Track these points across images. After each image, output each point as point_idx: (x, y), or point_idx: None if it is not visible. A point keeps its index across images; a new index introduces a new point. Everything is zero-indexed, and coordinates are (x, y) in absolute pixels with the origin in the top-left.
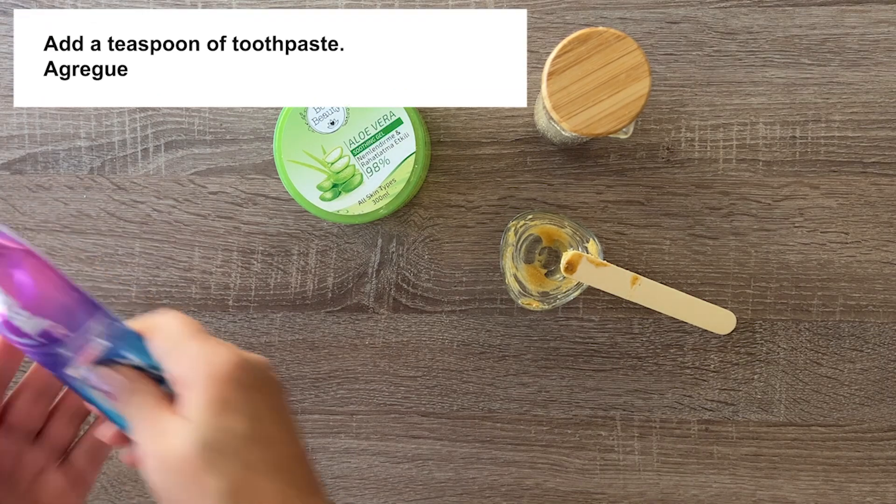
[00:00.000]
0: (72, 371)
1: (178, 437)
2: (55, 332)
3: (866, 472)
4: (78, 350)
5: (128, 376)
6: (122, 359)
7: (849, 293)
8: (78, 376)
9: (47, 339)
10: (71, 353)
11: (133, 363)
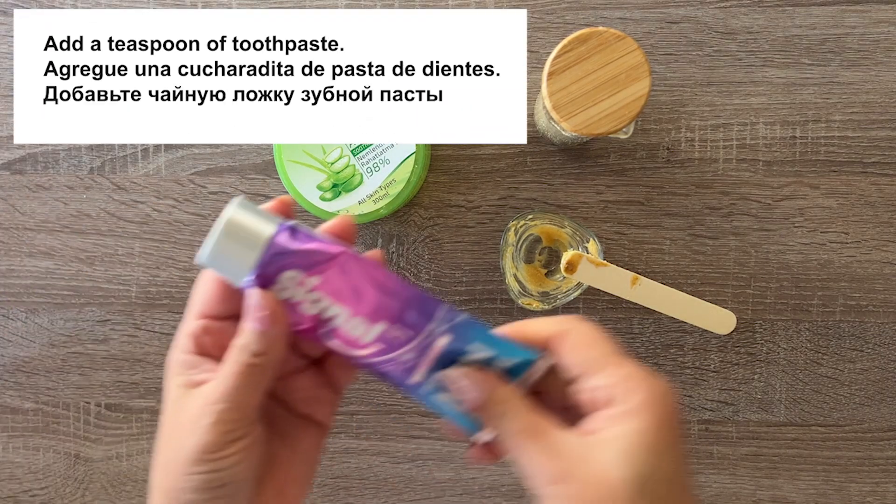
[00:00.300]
0: (417, 377)
1: (609, 467)
2: (394, 337)
3: (866, 472)
4: (421, 352)
5: (488, 381)
6: (467, 354)
7: (849, 293)
8: (424, 381)
9: (387, 345)
10: (414, 356)
11: (478, 358)
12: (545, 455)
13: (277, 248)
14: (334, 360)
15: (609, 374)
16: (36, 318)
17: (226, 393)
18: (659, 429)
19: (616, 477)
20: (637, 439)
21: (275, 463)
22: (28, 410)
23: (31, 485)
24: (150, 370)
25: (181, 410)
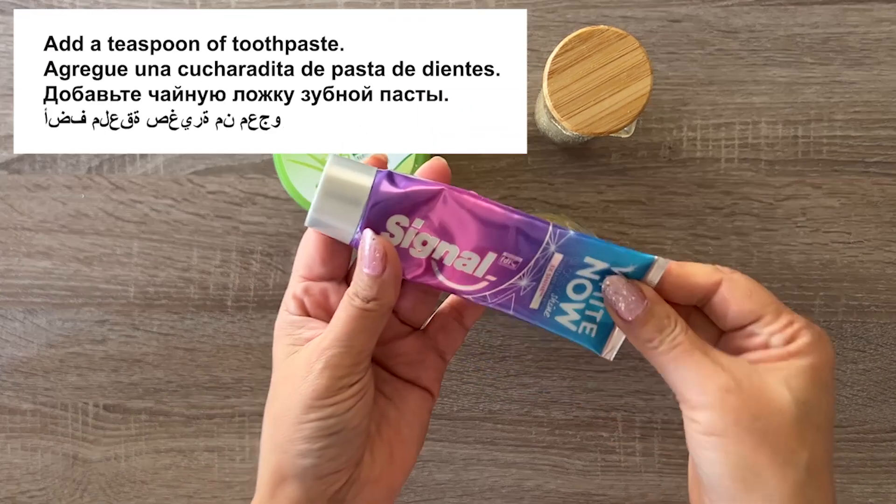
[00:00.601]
0: (536, 303)
1: (778, 389)
2: (506, 265)
3: (869, 473)
4: (536, 276)
5: (649, 293)
6: (584, 268)
7: (851, 293)
8: (544, 306)
9: (500, 275)
10: (529, 282)
11: (598, 270)
12: (716, 367)
13: (379, 196)
14: (438, 326)
15: (775, 320)
16: (34, 319)
17: (338, 338)
18: (823, 368)
19: (784, 397)
20: (806, 373)
21: (384, 422)
22: (26, 411)
23: (28, 486)
24: (149, 371)
25: (291, 365)
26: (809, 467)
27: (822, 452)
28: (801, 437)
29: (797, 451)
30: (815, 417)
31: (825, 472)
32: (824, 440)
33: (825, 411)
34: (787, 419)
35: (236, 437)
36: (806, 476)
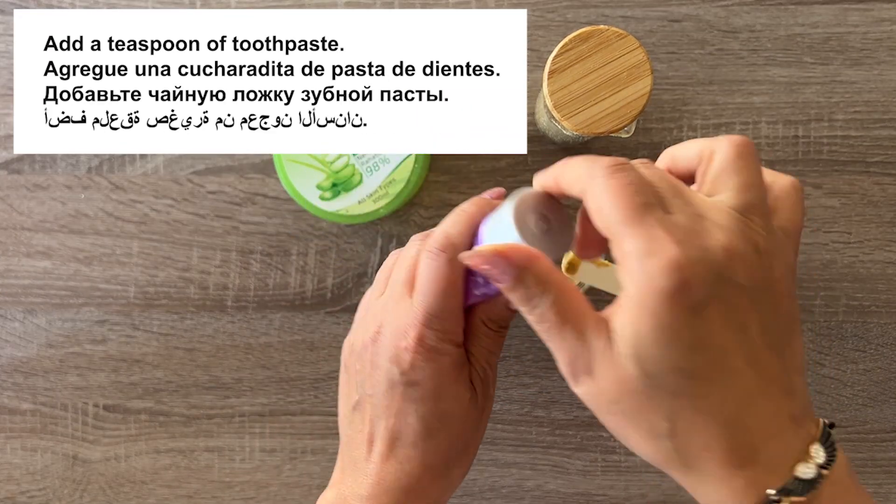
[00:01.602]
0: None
1: (625, 373)
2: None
3: (869, 474)
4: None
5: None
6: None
7: (852, 293)
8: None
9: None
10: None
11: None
12: (577, 348)
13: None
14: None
15: (616, 245)
16: (33, 319)
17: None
18: (657, 318)
19: (629, 374)
20: (635, 324)
21: None
22: (26, 411)
23: (28, 486)
24: (149, 371)
25: None
26: (674, 435)
27: (689, 415)
28: (656, 409)
29: (658, 422)
30: (665, 382)
31: (698, 433)
32: (687, 403)
33: (676, 365)
34: (638, 398)
35: (236, 438)
36: (671, 444)
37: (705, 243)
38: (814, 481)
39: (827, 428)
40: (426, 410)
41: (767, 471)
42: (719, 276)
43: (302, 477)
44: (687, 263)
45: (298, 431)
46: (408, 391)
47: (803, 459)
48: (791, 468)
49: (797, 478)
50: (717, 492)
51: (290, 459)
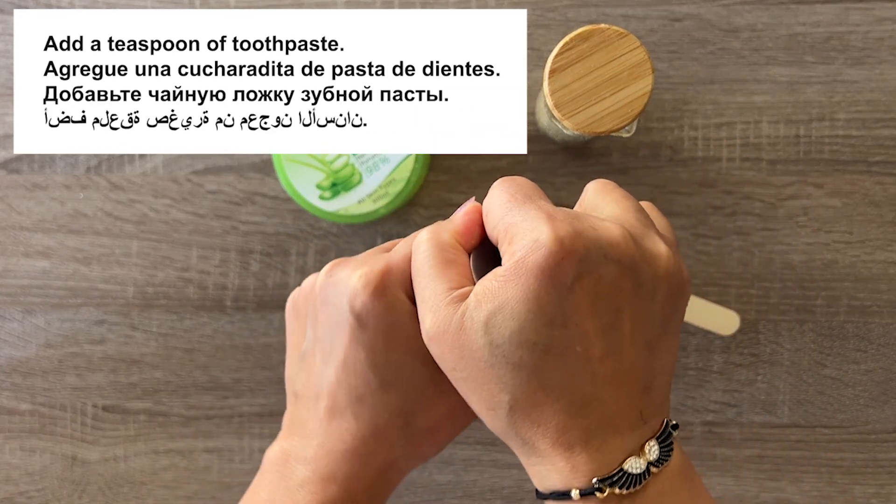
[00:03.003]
0: None
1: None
2: None
3: (871, 474)
4: None
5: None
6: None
7: (853, 293)
8: None
9: None
10: None
11: None
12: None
13: None
14: None
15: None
16: (32, 319)
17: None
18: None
19: (477, 343)
20: (501, 302)
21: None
22: (24, 412)
23: (27, 486)
24: (148, 371)
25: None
26: (513, 409)
27: (531, 390)
28: (497, 380)
29: (497, 394)
30: (511, 354)
31: (535, 409)
32: (531, 377)
33: (528, 340)
34: (480, 366)
35: (235, 438)
36: (509, 417)
37: (584, 224)
38: (640, 477)
39: (669, 427)
40: (376, 359)
41: (596, 459)
42: (598, 253)
43: None
44: (560, 242)
45: None
46: (357, 333)
47: (636, 454)
48: (621, 460)
49: (624, 470)
50: (545, 471)
51: None
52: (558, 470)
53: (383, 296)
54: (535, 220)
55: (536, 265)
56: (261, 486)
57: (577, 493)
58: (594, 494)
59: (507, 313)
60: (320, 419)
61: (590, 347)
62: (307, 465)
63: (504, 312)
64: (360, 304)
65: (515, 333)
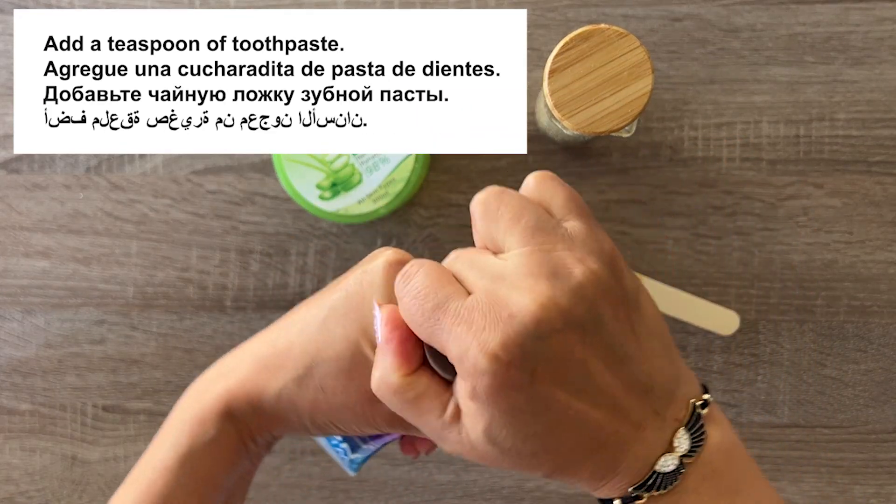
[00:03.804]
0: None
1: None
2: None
3: (871, 474)
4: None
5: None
6: None
7: (853, 293)
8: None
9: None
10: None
11: None
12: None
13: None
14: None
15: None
16: (32, 319)
17: None
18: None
19: (489, 451)
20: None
21: None
22: (24, 412)
23: (27, 486)
24: (147, 371)
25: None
26: (550, 475)
27: (555, 465)
28: (527, 466)
29: (529, 469)
30: (523, 449)
31: (566, 472)
32: (547, 456)
33: (528, 434)
34: (504, 462)
35: None
36: (547, 477)
37: (508, 313)
38: (675, 472)
39: (697, 410)
40: (331, 302)
41: (629, 473)
42: (536, 339)
43: (301, 478)
44: (497, 348)
45: None
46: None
47: (668, 450)
48: (652, 463)
49: (656, 472)
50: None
51: (289, 460)
52: (605, 493)
53: (391, 270)
54: (462, 338)
55: (491, 390)
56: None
57: (619, 502)
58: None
59: (497, 427)
60: (267, 328)
61: (580, 408)
62: (219, 364)
63: (494, 427)
64: (372, 265)
65: (513, 436)
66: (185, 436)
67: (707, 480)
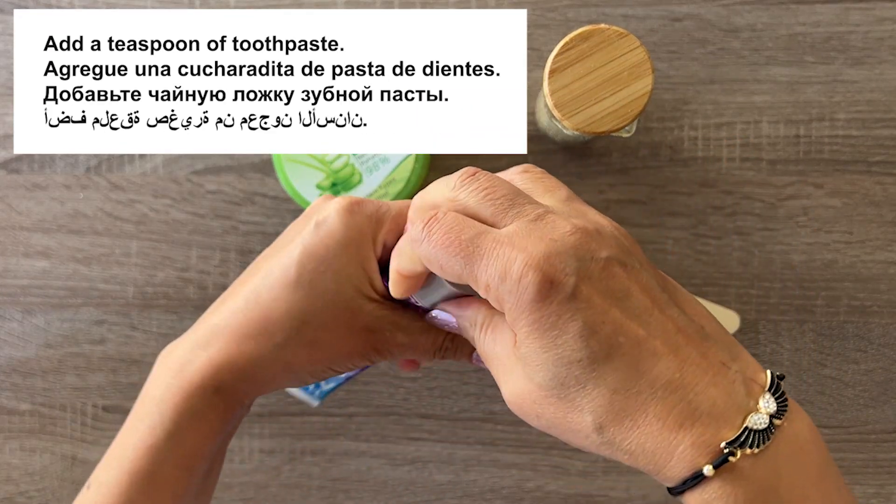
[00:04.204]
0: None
1: (524, 380)
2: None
3: (871, 474)
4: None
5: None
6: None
7: (853, 293)
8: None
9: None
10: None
11: None
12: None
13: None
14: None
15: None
16: (32, 319)
17: None
18: (533, 322)
19: (530, 388)
20: (529, 346)
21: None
22: (24, 412)
23: (27, 486)
24: (147, 371)
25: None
26: (602, 428)
27: (606, 401)
28: (572, 408)
29: (580, 420)
30: (567, 380)
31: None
32: (598, 389)
33: (573, 360)
34: (549, 406)
35: (235, 438)
36: (604, 437)
37: (551, 235)
38: (766, 432)
39: (777, 378)
40: (305, 260)
41: (713, 424)
42: (579, 258)
43: (301, 478)
44: (540, 260)
45: (298, 432)
46: (306, 235)
47: (753, 410)
48: (741, 419)
49: (749, 428)
50: (670, 465)
51: (289, 460)
52: (680, 456)
53: (347, 216)
54: (503, 258)
55: (535, 299)
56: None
57: (710, 469)
58: (727, 461)
59: (537, 352)
60: (223, 299)
61: (630, 332)
62: (189, 340)
63: (535, 353)
64: (323, 215)
65: (557, 363)
66: (170, 411)
67: (798, 456)
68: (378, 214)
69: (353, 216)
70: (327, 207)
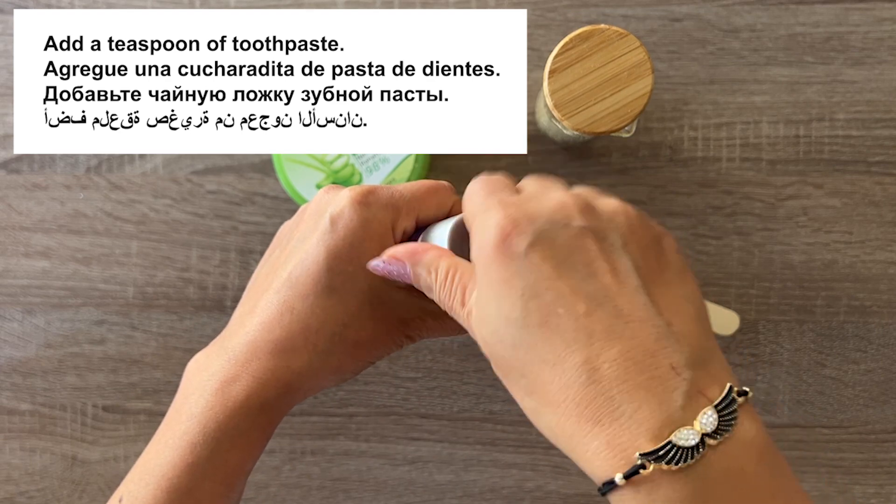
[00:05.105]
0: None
1: (477, 329)
2: None
3: (871, 474)
4: None
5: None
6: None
7: (853, 293)
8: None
9: None
10: None
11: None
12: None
13: None
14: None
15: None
16: (32, 319)
17: None
18: (489, 274)
19: (479, 336)
20: (479, 293)
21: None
22: (24, 412)
23: (27, 486)
24: (148, 371)
25: None
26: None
27: (536, 368)
28: (510, 366)
29: (518, 379)
30: (504, 336)
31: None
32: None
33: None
34: (495, 359)
35: None
36: (533, 403)
37: (535, 204)
38: (693, 450)
39: (732, 394)
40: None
41: (632, 429)
42: (552, 222)
43: (301, 478)
44: (509, 219)
45: (298, 432)
46: (325, 235)
47: (686, 424)
48: (668, 431)
49: (672, 443)
50: (587, 460)
51: (289, 460)
52: (595, 452)
53: (363, 208)
54: (492, 211)
55: (489, 245)
56: (179, 392)
57: (621, 478)
58: (638, 473)
59: (485, 300)
60: (251, 310)
61: (571, 306)
62: (225, 355)
63: (483, 300)
64: (338, 210)
65: (498, 316)
66: (213, 431)
67: (734, 477)
68: (393, 201)
69: (369, 208)
70: (339, 201)
